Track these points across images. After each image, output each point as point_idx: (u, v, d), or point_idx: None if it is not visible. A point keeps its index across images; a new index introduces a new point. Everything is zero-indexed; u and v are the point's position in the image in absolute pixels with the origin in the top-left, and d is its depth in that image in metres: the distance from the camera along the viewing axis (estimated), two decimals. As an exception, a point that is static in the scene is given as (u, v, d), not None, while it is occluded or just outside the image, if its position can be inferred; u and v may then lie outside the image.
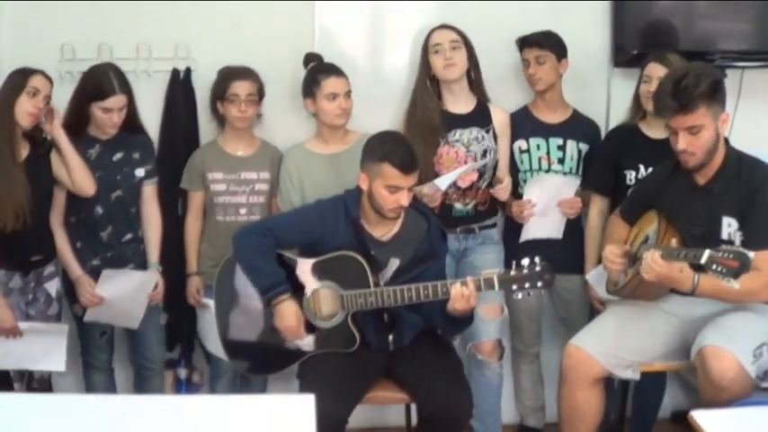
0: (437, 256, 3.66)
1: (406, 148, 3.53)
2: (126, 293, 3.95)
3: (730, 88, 4.17)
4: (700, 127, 3.32)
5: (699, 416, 2.97)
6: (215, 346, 4.06)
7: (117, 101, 3.82)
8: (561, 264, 4.04)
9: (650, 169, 3.92)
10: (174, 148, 4.24)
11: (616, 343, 3.53)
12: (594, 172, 4.17)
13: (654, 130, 3.97)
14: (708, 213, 3.43)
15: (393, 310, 3.59)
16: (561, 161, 4.22)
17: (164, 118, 4.27)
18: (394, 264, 3.58)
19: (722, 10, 4.26)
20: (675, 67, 3.52)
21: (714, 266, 3.03)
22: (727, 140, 3.50)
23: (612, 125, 4.32)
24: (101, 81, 3.82)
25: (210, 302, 3.99)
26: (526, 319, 4.38)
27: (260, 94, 4.10)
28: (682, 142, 3.35)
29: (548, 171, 4.22)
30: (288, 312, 3.53)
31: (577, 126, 4.26)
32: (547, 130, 4.23)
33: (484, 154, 4.11)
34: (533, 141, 4.22)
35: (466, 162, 4.07)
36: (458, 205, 4.13)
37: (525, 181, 4.22)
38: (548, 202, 4.16)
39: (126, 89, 3.86)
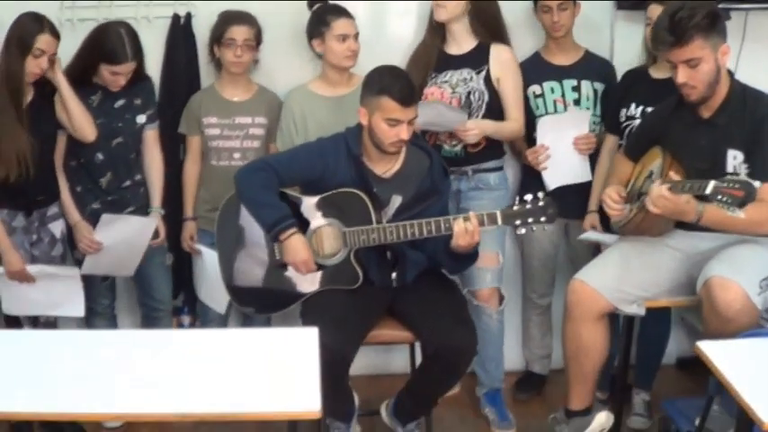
0: (440, 192, 3.59)
1: (404, 81, 3.46)
2: (124, 239, 3.90)
3: (735, 31, 4.16)
4: (698, 60, 3.24)
5: (706, 346, 2.91)
6: (204, 292, 4.07)
7: (128, 67, 3.78)
8: (577, 209, 4.09)
9: (641, 107, 3.88)
10: (175, 94, 4.17)
11: (621, 277, 3.45)
12: (606, 111, 4.11)
13: (660, 71, 3.88)
14: (712, 146, 3.35)
15: (396, 248, 3.52)
16: (577, 102, 4.14)
17: (164, 64, 4.19)
18: (396, 201, 3.51)
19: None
20: (672, 2, 3.42)
21: (719, 197, 2.96)
22: (731, 73, 3.42)
23: (616, 67, 4.24)
24: (114, 46, 3.74)
25: (203, 249, 3.96)
26: (540, 266, 4.33)
27: (257, 39, 4.04)
28: (681, 76, 3.28)
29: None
30: (298, 246, 3.46)
31: (591, 66, 4.19)
32: (560, 73, 4.15)
33: (468, 95, 4.00)
34: (547, 85, 4.14)
35: (450, 103, 3.97)
36: (446, 146, 4.03)
37: None
38: (564, 144, 4.06)
39: (138, 54, 3.81)
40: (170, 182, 4.11)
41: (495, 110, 4.02)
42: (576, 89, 4.14)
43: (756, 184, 2.93)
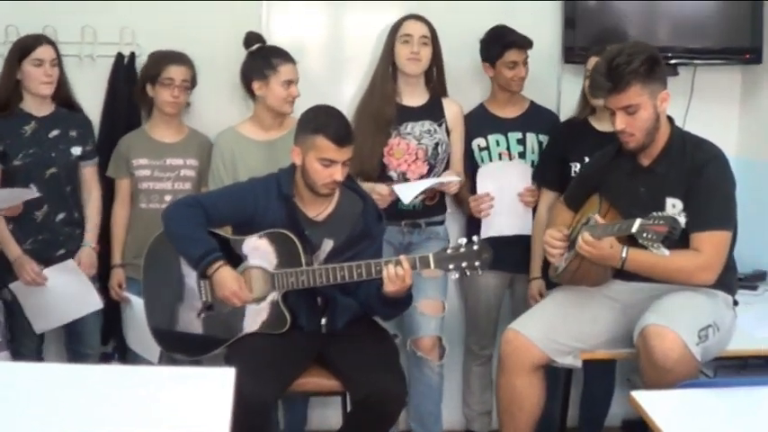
0: (373, 236, 3.33)
1: (340, 121, 3.24)
2: (68, 294, 3.68)
3: (683, 86, 4.03)
4: (636, 106, 3.04)
5: (640, 396, 2.66)
6: (135, 341, 3.80)
7: (46, 50, 3.62)
8: (522, 263, 3.88)
9: None
10: (115, 133, 3.92)
11: (556, 328, 3.18)
12: (542, 165, 3.89)
13: (603, 124, 3.70)
14: (651, 195, 3.12)
15: (326, 293, 3.26)
16: (522, 155, 3.94)
17: (106, 102, 3.97)
18: (328, 245, 3.26)
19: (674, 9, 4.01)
20: (611, 48, 3.22)
21: (645, 234, 2.77)
22: (671, 120, 3.21)
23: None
24: (27, 39, 3.64)
25: (132, 297, 3.71)
26: (483, 318, 4.07)
27: (193, 81, 3.84)
28: (619, 122, 3.08)
29: None
30: (227, 277, 3.17)
31: (536, 118, 3.99)
32: (505, 126, 3.96)
33: (435, 147, 3.83)
34: (492, 138, 3.94)
35: (417, 155, 3.79)
36: None
37: None
38: (506, 194, 3.86)
39: (54, 46, 3.66)
40: (104, 226, 3.86)
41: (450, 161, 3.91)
42: (521, 142, 3.95)
43: (682, 220, 2.74)
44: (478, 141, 3.95)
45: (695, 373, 2.88)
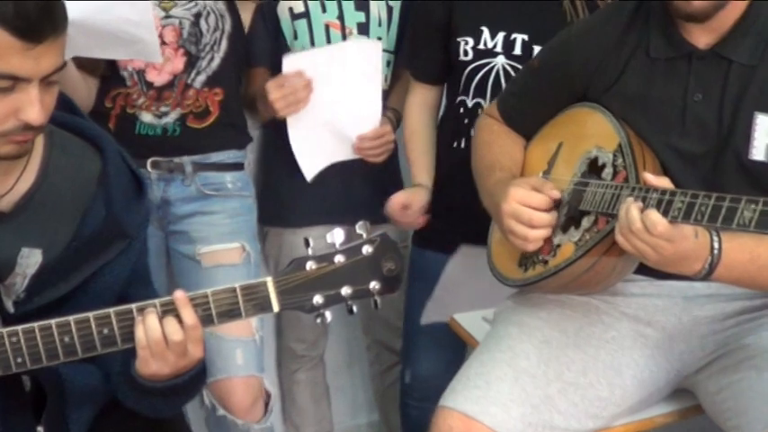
0: (127, 233, 1.41)
1: None
2: None
3: None
4: None
5: None
6: None
7: None
8: (366, 206, 2.19)
9: (501, 33, 1.99)
10: None
11: (548, 398, 1.43)
12: (413, 45, 2.19)
13: None
14: (721, 105, 1.42)
15: (39, 371, 1.36)
16: (364, 28, 2.20)
17: None
18: (31, 260, 1.35)
19: None
20: None
21: None
22: None
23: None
24: None
25: None
26: None
27: None
28: None
29: None
30: None
31: None
32: None
33: (196, 21, 2.00)
34: (313, 1, 2.19)
35: (162, 37, 1.94)
36: (146, 116, 1.99)
37: None
38: (337, 89, 2.14)
39: None
40: None
41: (240, 48, 2.08)
42: (363, 7, 2.21)
43: None
44: (291, 4, 2.19)
45: None
